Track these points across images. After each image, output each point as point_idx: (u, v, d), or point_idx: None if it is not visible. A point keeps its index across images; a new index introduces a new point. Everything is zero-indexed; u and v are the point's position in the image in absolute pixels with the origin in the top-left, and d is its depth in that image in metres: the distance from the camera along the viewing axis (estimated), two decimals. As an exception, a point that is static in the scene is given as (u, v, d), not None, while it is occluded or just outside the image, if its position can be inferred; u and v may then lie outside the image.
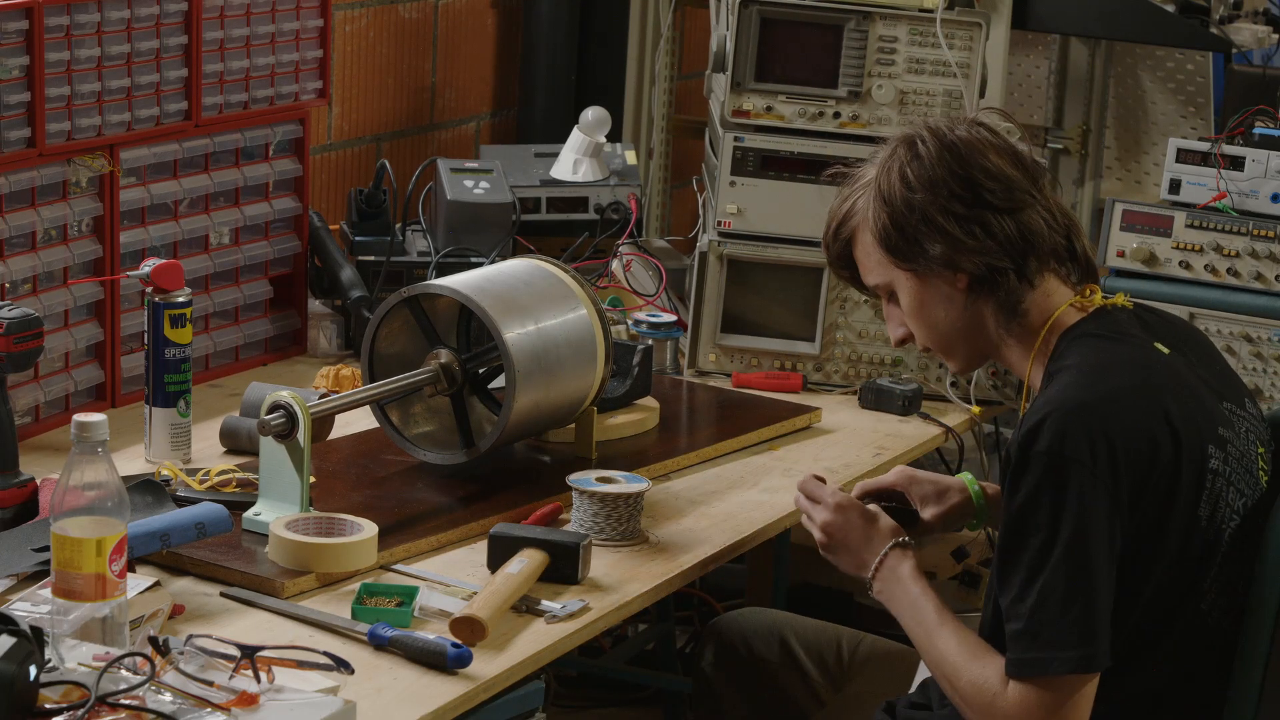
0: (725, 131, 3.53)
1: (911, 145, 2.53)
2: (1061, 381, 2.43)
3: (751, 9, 3.49)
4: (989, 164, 2.50)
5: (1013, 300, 2.51)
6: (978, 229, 2.49)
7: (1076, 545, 2.34)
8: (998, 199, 2.49)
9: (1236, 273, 3.55)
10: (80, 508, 2.14)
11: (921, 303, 2.56)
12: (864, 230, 2.58)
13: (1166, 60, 4.50)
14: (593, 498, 2.65)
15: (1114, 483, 2.35)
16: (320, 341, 3.48)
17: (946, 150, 2.51)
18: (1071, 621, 2.34)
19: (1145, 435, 2.38)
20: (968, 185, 2.49)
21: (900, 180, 2.52)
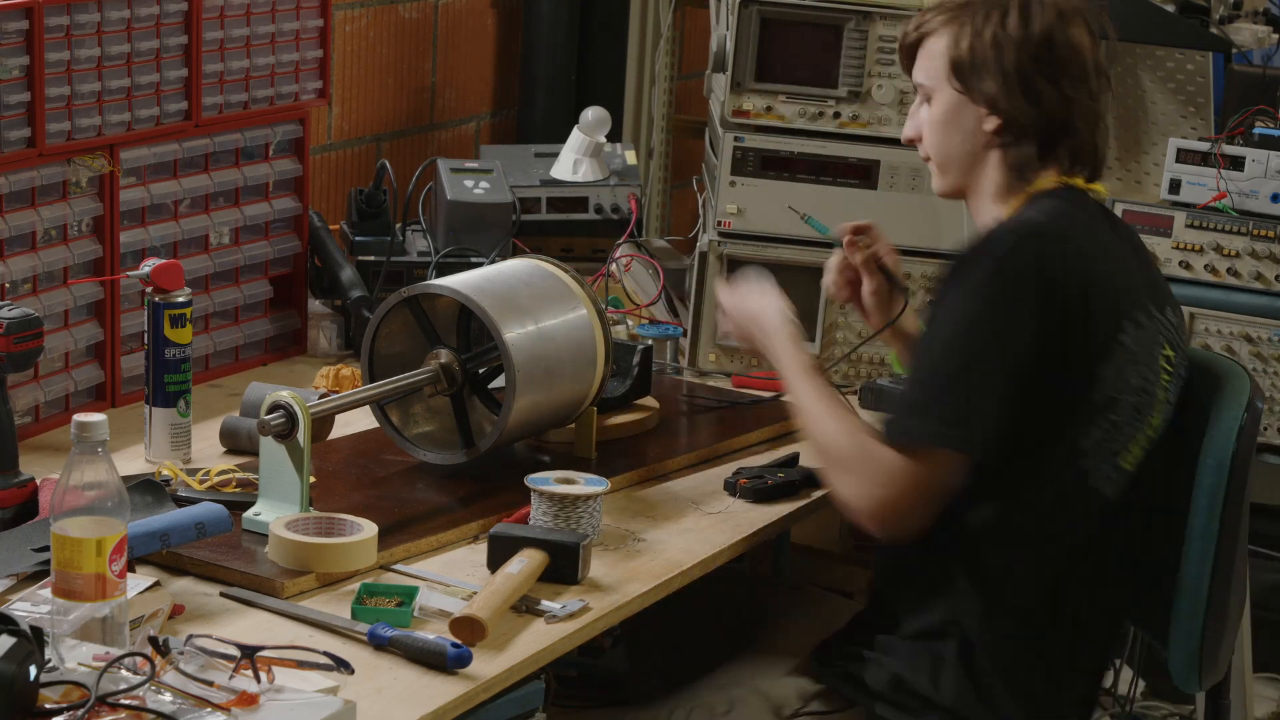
0: (725, 131, 3.53)
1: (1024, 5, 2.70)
2: (1022, 211, 2.67)
3: (751, 9, 3.49)
4: (1078, 41, 2.71)
5: (1021, 165, 2.72)
6: (1033, 93, 2.68)
7: (989, 340, 2.56)
8: (1064, 79, 2.69)
9: (1236, 273, 3.56)
10: (80, 508, 2.14)
11: (948, 120, 2.75)
12: (941, 38, 2.74)
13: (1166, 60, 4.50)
14: (548, 498, 2.64)
15: (1040, 303, 2.56)
16: (320, 341, 3.48)
17: (1057, 13, 2.70)
18: (963, 403, 2.56)
19: (1081, 276, 2.60)
20: (1051, 49, 2.69)
21: (1000, 20, 2.69)
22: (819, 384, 2.73)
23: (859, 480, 2.60)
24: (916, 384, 2.62)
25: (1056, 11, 2.70)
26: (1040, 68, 2.68)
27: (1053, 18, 2.69)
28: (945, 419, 2.56)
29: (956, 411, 2.56)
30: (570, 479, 2.69)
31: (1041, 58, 2.68)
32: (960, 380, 2.57)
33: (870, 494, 2.59)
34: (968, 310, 2.58)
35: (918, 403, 2.59)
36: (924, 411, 2.58)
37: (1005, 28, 2.68)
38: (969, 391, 2.57)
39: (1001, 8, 2.70)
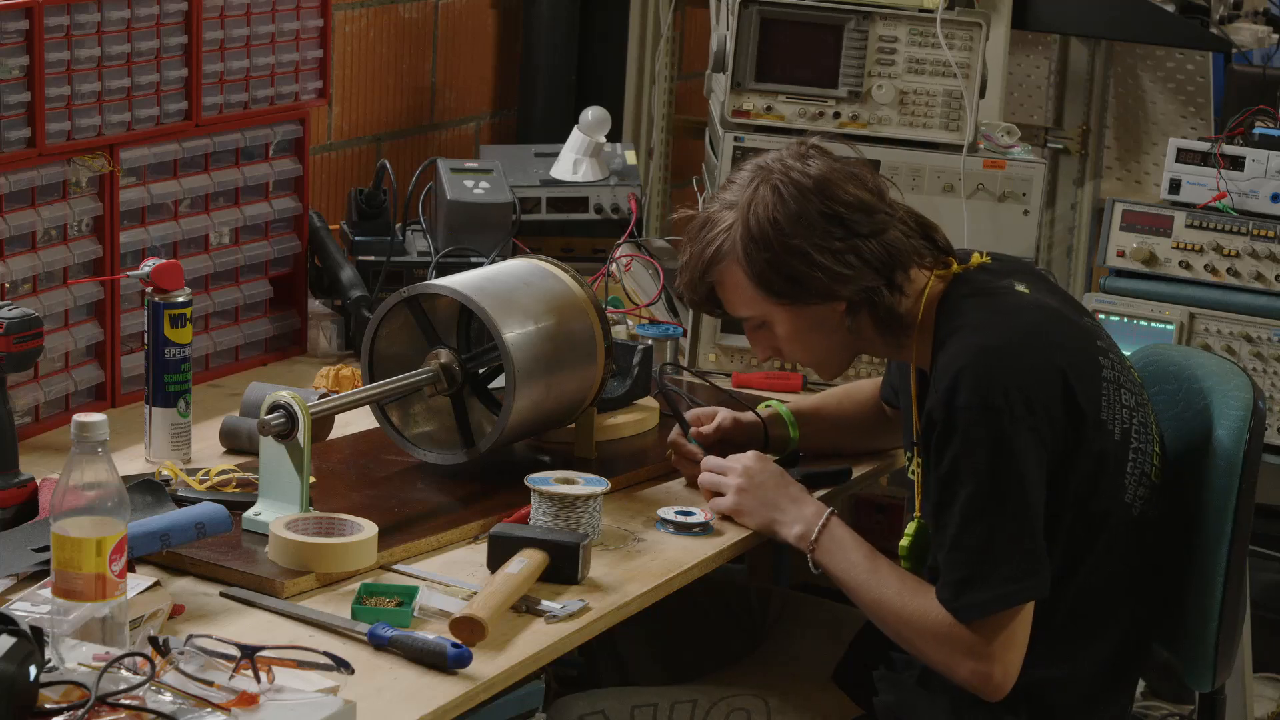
0: (725, 131, 3.53)
1: (774, 188, 2.64)
2: (957, 342, 2.58)
3: (751, 9, 3.49)
4: (848, 194, 2.64)
5: (888, 312, 2.65)
6: (851, 258, 2.62)
7: (1012, 485, 2.52)
8: (863, 227, 2.63)
9: (1236, 273, 3.56)
10: (80, 508, 2.14)
11: (800, 330, 2.69)
12: (733, 271, 2.67)
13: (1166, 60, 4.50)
14: (548, 498, 2.64)
15: (1032, 418, 2.52)
16: (320, 341, 3.48)
17: (809, 191, 2.63)
18: (1017, 558, 2.52)
19: (1049, 367, 2.56)
20: (836, 220, 2.63)
21: (770, 224, 2.63)
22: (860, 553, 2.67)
23: (955, 659, 2.56)
24: (962, 556, 2.53)
25: (808, 186, 2.63)
26: (840, 235, 2.61)
27: (812, 194, 2.62)
28: (1007, 578, 2.52)
29: (1013, 567, 2.52)
30: (570, 479, 2.69)
31: (834, 230, 2.61)
32: (1001, 536, 2.52)
33: (975, 670, 2.55)
34: (975, 469, 2.52)
35: (974, 575, 2.52)
36: (984, 581, 2.52)
37: (781, 230, 2.61)
38: (1014, 541, 2.52)
39: (756, 213, 2.63)
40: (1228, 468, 2.70)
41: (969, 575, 2.53)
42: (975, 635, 2.54)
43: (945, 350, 2.59)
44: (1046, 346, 2.58)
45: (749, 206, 2.65)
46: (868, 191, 2.66)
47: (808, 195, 2.63)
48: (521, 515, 2.67)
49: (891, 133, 3.53)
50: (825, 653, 2.89)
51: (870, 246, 2.62)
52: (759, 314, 2.70)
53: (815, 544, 2.69)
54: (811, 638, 2.96)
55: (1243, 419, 2.70)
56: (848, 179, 2.65)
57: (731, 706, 2.73)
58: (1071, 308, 2.74)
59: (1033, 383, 2.53)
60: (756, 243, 2.63)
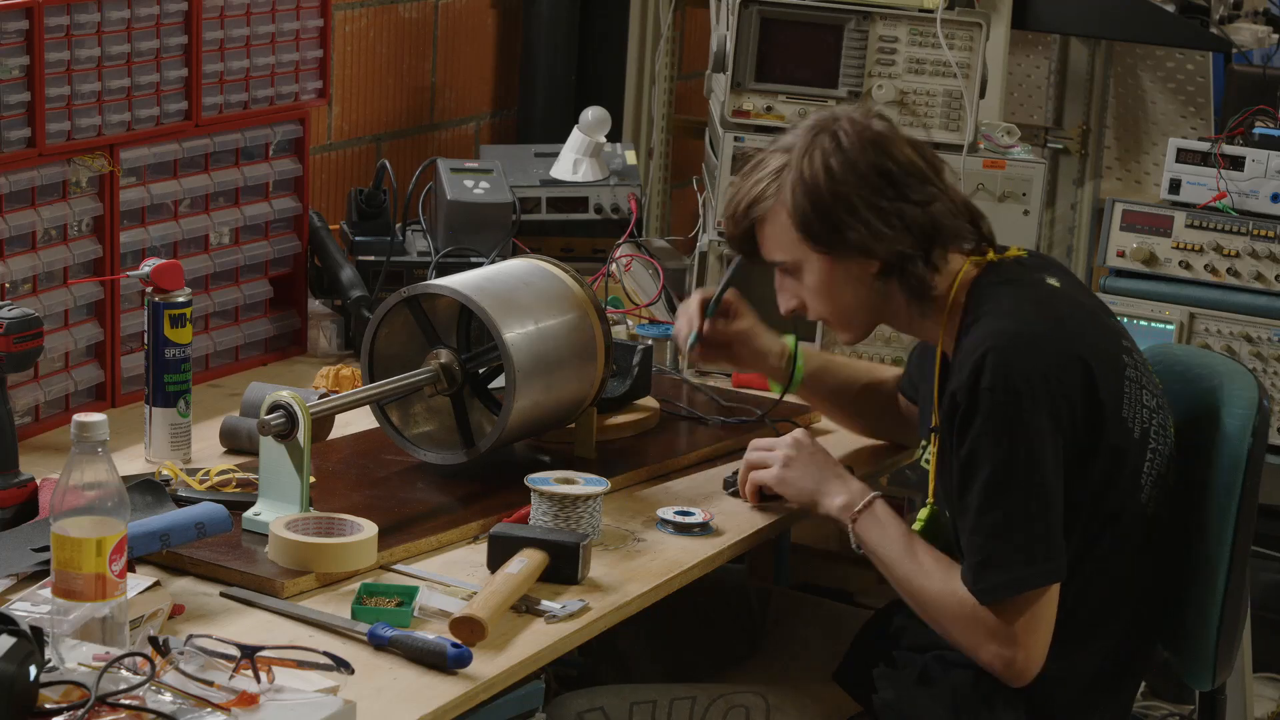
0: (725, 131, 3.53)
1: (834, 136, 2.65)
2: (984, 325, 2.59)
3: (751, 9, 3.49)
4: (904, 156, 2.65)
5: (919, 283, 2.65)
6: (895, 219, 2.63)
7: (1031, 469, 2.52)
8: (914, 192, 2.64)
9: (1236, 273, 3.56)
10: (80, 508, 2.14)
11: (831, 282, 2.69)
12: (778, 213, 2.68)
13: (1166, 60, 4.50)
14: (548, 498, 2.64)
15: (1053, 404, 2.53)
16: (320, 341, 3.48)
17: (869, 142, 2.64)
18: (1034, 540, 2.53)
19: (1073, 356, 2.57)
20: (888, 178, 2.63)
21: (824, 168, 2.63)
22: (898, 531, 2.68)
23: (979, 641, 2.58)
24: (980, 539, 2.55)
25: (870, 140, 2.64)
26: (890, 195, 2.62)
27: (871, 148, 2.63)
28: (1025, 561, 2.53)
29: (1030, 551, 2.53)
30: (570, 479, 2.69)
31: (885, 188, 2.62)
32: (1019, 519, 2.53)
33: (997, 653, 2.57)
34: (994, 451, 2.53)
35: (991, 558, 2.54)
36: (1002, 564, 2.54)
37: (833, 177, 2.63)
38: (1030, 524, 2.53)
39: (813, 157, 2.64)
40: (1232, 466, 2.70)
41: (987, 557, 2.54)
42: (998, 619, 2.55)
43: (971, 334, 2.60)
44: (1072, 336, 2.60)
45: (806, 151, 2.65)
46: (925, 162, 2.67)
47: (866, 148, 2.64)
48: (521, 515, 2.67)
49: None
50: (825, 652, 2.90)
51: (916, 213, 2.63)
52: (794, 258, 2.70)
53: (858, 515, 2.69)
54: (811, 637, 2.97)
55: (1247, 418, 2.70)
56: (908, 144, 2.67)
57: (730, 704, 2.73)
58: (1100, 307, 2.75)
59: (1056, 370, 2.55)
60: (806, 185, 2.64)
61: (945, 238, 2.65)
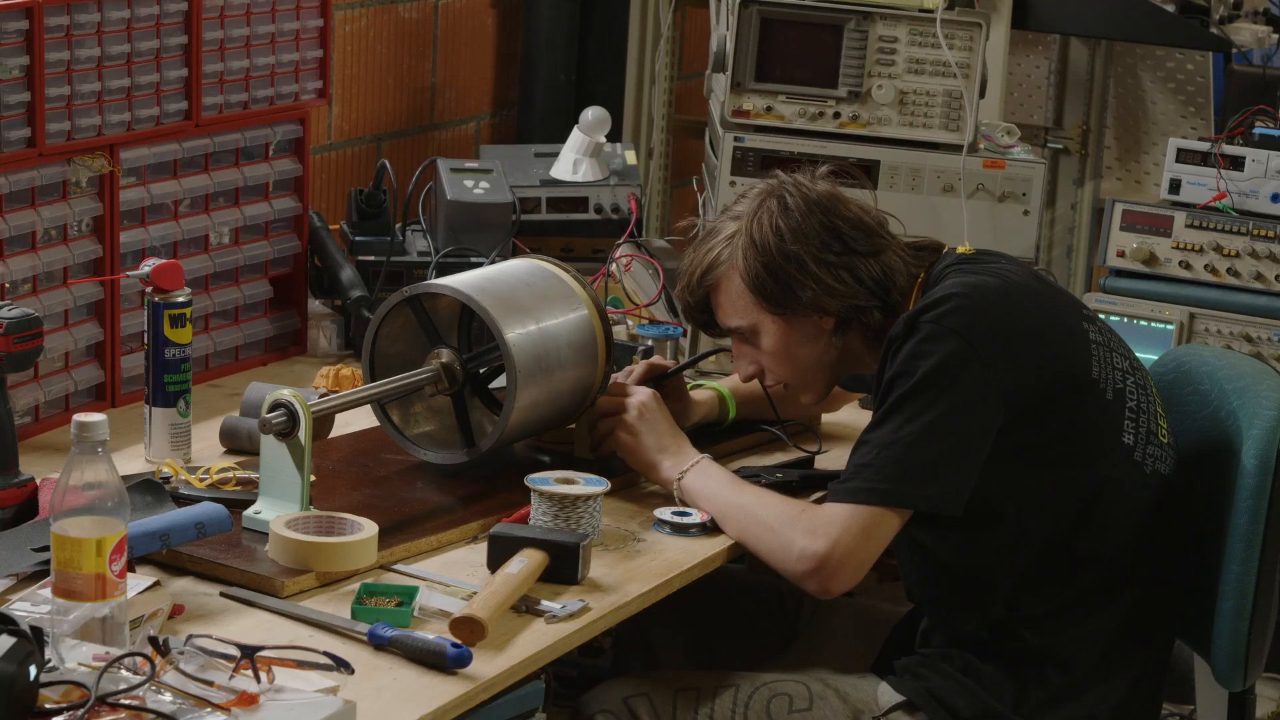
0: (725, 131, 3.53)
1: (780, 199, 2.74)
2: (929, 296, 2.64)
3: (751, 9, 3.49)
4: (849, 213, 2.75)
5: (878, 327, 2.73)
6: (845, 274, 2.72)
7: (946, 398, 2.57)
8: (860, 245, 2.72)
9: (1236, 273, 3.56)
10: (80, 508, 2.14)
11: (788, 343, 2.77)
12: (730, 278, 2.77)
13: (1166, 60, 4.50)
14: (548, 498, 2.64)
15: (989, 350, 2.57)
16: (320, 341, 3.48)
17: (814, 204, 2.74)
18: (926, 464, 2.56)
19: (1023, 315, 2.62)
20: (835, 235, 2.73)
21: (773, 231, 2.73)
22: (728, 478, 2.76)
23: (791, 539, 2.61)
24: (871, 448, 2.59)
25: (814, 201, 2.73)
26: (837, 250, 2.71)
27: (816, 208, 2.72)
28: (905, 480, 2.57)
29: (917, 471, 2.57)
30: (570, 479, 2.69)
31: (832, 243, 2.71)
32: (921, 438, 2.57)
33: (805, 548, 2.60)
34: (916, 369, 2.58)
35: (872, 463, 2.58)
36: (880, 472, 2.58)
37: (782, 238, 2.71)
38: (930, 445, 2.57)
39: (761, 221, 2.73)
40: (1261, 466, 2.68)
41: (867, 462, 2.58)
42: (826, 518, 2.59)
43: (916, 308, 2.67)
44: (1024, 298, 2.66)
45: (754, 215, 2.75)
46: (869, 216, 2.76)
47: (812, 208, 2.73)
48: (521, 515, 2.67)
49: (891, 133, 3.53)
50: (860, 646, 2.90)
51: (866, 265, 2.72)
52: (749, 323, 2.78)
53: (684, 473, 2.77)
54: (845, 634, 2.96)
55: (1275, 418, 2.68)
56: (853, 203, 2.76)
57: (774, 692, 2.74)
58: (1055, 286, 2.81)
59: (1003, 323, 2.60)
60: (756, 247, 2.73)
61: (899, 283, 2.73)
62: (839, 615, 3.02)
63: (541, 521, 2.64)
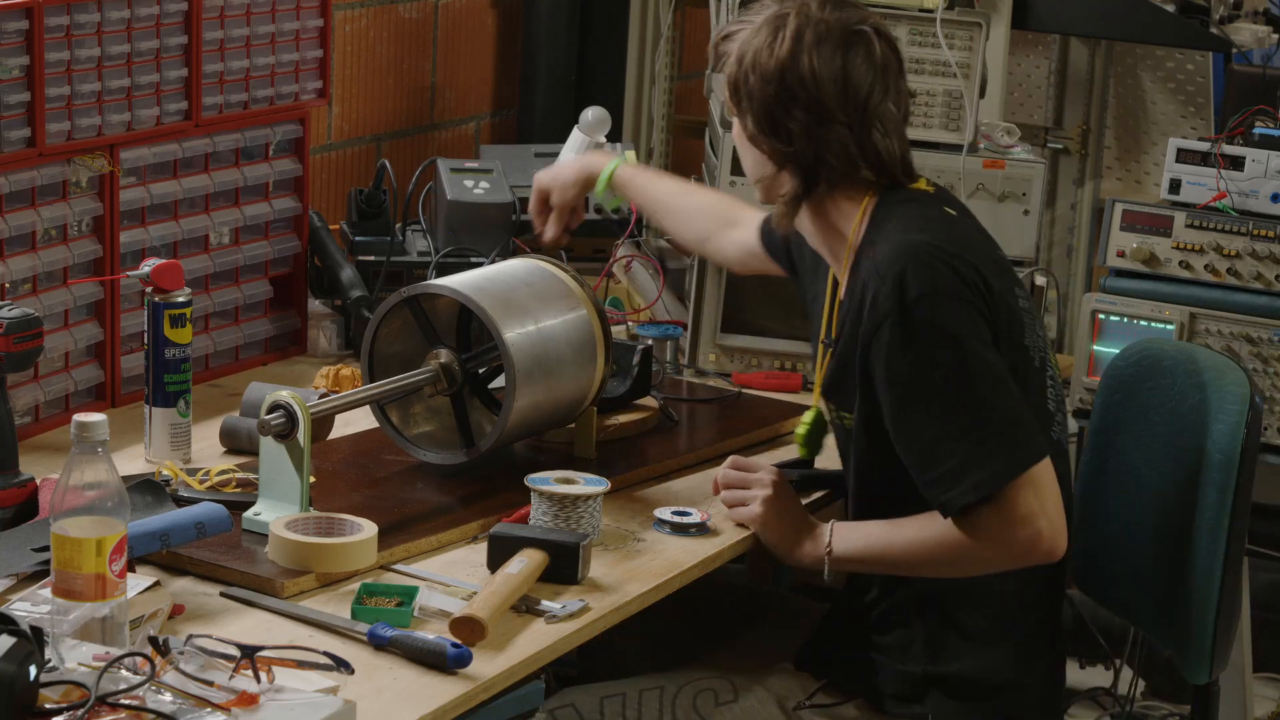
0: (725, 131, 3.52)
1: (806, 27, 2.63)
2: (891, 241, 2.60)
3: (751, 9, 3.48)
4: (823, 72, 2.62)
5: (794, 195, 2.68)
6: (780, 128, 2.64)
7: (980, 363, 2.54)
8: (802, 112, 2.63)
9: (1236, 273, 3.55)
10: (80, 508, 2.14)
11: (746, 147, 2.73)
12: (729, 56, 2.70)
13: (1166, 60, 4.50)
14: (548, 498, 2.64)
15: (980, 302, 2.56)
16: (320, 341, 3.48)
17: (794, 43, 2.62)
18: (1007, 428, 2.53)
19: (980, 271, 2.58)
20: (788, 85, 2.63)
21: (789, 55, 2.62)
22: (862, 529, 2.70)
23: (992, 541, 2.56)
24: (952, 444, 2.53)
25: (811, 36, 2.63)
26: (786, 102, 2.64)
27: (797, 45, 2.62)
28: (1009, 448, 2.53)
29: (1007, 437, 2.53)
30: (570, 479, 2.69)
31: (790, 97, 2.63)
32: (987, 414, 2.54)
33: (1016, 539, 2.55)
34: (941, 359, 2.54)
35: (971, 458, 2.52)
36: (984, 460, 2.52)
37: (759, 55, 2.64)
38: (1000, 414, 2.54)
39: (768, 29, 2.65)
40: (1225, 461, 2.71)
41: (963, 460, 2.52)
42: (993, 518, 2.53)
43: (877, 248, 2.61)
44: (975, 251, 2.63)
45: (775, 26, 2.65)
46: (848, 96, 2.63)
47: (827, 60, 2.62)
48: (521, 515, 2.67)
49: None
50: (786, 641, 2.90)
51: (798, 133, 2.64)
52: (733, 114, 2.74)
53: (830, 548, 2.69)
54: (773, 629, 2.97)
55: (1240, 413, 2.72)
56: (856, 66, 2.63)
57: (698, 689, 2.75)
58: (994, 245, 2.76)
59: (974, 277, 2.57)
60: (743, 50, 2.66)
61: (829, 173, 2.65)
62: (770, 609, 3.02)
63: (541, 521, 2.64)
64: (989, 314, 2.57)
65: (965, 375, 2.54)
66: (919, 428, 2.57)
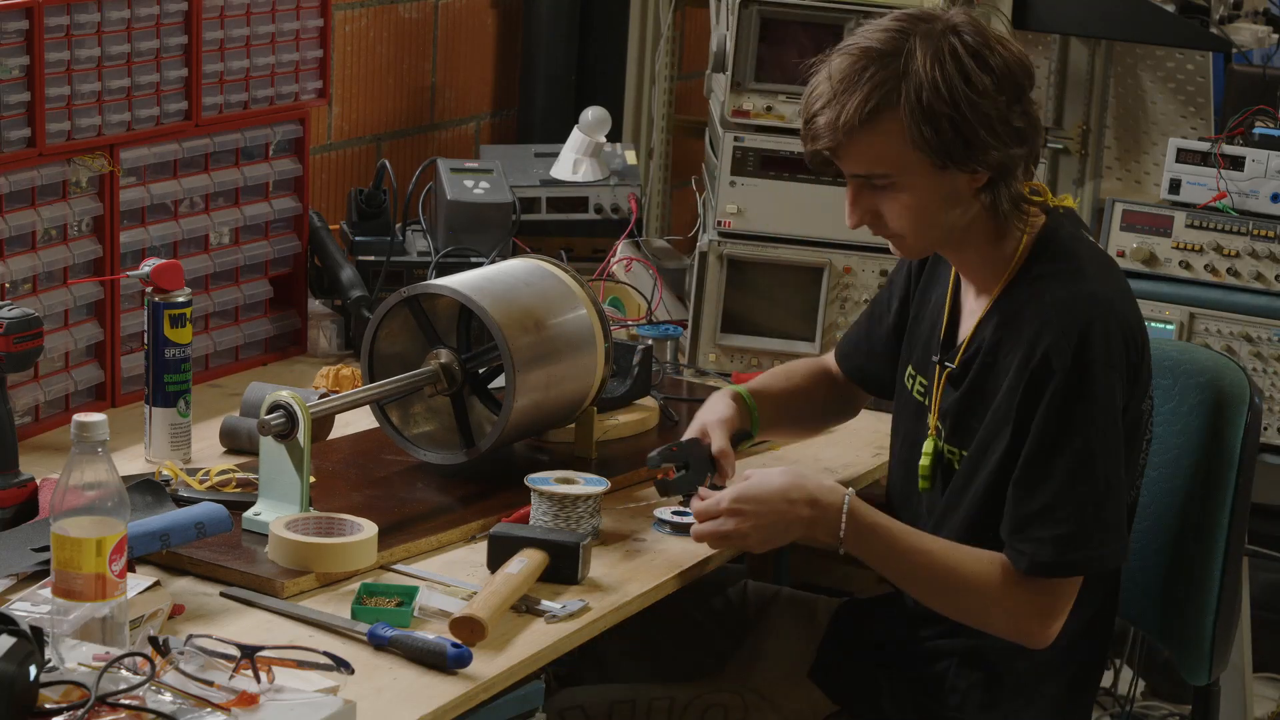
0: (725, 131, 3.53)
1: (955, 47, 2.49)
2: (1071, 283, 2.51)
3: (751, 9, 3.49)
4: (1008, 55, 2.52)
5: (1014, 200, 2.55)
6: (1016, 130, 2.50)
7: (1114, 448, 2.49)
8: (1028, 97, 2.53)
9: (1236, 273, 3.56)
10: (80, 508, 2.14)
11: (936, 200, 2.52)
12: (890, 119, 2.49)
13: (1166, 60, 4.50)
14: (548, 498, 2.64)
15: (1127, 379, 2.51)
16: (320, 341, 3.48)
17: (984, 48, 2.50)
18: (1114, 521, 2.49)
19: (1135, 332, 2.54)
20: (1016, 85, 2.50)
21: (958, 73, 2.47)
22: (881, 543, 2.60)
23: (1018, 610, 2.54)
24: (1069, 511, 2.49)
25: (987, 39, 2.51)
26: (1011, 104, 2.50)
27: (994, 48, 2.50)
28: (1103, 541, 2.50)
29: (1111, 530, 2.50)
30: (570, 479, 2.69)
31: (1012, 96, 2.50)
32: (1104, 498, 2.50)
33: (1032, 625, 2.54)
34: (1092, 428, 2.48)
35: (1078, 533, 2.49)
36: (1088, 542, 2.49)
37: (966, 81, 2.47)
38: (1112, 505, 2.51)
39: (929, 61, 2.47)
40: (1223, 463, 2.71)
41: (1074, 532, 2.48)
42: (1045, 594, 2.51)
43: (1051, 288, 2.52)
44: (1129, 306, 2.57)
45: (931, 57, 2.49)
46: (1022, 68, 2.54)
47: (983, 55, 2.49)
48: (521, 515, 2.67)
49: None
50: (799, 646, 2.87)
51: (1028, 121, 2.53)
52: (894, 171, 2.52)
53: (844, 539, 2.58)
54: (786, 632, 2.94)
55: (1238, 413, 2.72)
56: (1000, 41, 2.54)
57: (708, 704, 2.74)
58: None
59: (1135, 343, 2.53)
60: (939, 91, 2.47)
61: (1040, 136, 2.56)
62: (777, 605, 3.00)
63: (541, 521, 2.64)
64: (1130, 384, 2.53)
65: (1103, 453, 2.49)
66: (1047, 480, 2.50)
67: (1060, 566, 2.50)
